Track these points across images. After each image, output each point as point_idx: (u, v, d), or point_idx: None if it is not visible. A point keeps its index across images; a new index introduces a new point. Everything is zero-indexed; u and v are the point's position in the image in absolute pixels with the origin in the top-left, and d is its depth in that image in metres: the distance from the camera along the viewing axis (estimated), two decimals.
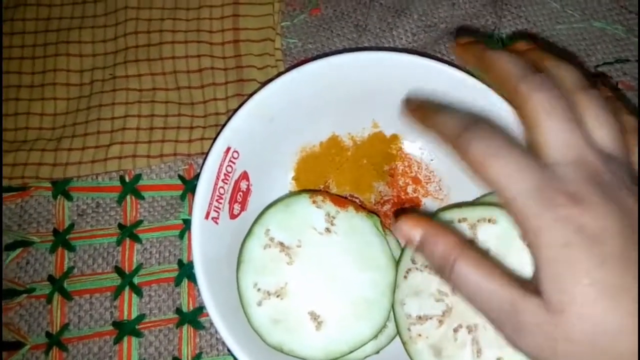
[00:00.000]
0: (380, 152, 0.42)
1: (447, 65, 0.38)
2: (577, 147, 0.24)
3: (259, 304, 0.34)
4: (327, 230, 0.36)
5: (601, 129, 0.25)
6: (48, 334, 0.40)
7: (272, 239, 0.36)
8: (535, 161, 0.24)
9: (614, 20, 0.48)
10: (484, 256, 0.26)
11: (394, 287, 0.35)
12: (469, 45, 0.31)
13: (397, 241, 0.39)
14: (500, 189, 0.24)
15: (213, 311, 0.33)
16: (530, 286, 0.24)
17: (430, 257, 0.27)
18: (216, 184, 0.37)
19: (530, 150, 0.25)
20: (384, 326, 0.35)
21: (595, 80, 0.44)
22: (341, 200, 0.37)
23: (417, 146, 0.43)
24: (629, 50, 0.47)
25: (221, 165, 0.37)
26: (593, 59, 0.47)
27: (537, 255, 0.23)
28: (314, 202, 0.36)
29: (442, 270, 0.26)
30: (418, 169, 0.42)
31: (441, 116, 0.28)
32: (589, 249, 0.22)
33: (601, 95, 0.26)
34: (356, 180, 0.42)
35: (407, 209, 0.40)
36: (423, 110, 0.31)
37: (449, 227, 0.28)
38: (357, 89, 0.40)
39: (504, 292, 0.24)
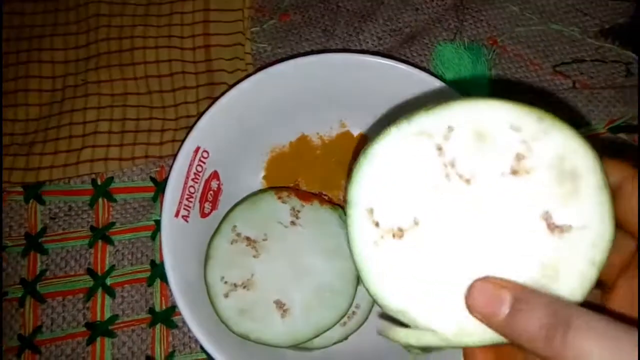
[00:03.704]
0: (349, 151, 0.44)
1: (410, 67, 0.40)
2: None
3: (226, 295, 0.35)
4: (293, 223, 0.37)
5: None
6: (20, 337, 0.40)
7: (238, 235, 0.37)
8: None
9: (570, 23, 0.50)
10: (594, 318, 0.21)
11: (358, 275, 0.36)
12: None
13: None
14: None
15: (182, 304, 0.34)
16: None
17: (525, 326, 0.21)
18: (186, 182, 0.38)
19: None
20: (353, 313, 0.36)
21: None
22: (306, 195, 0.38)
23: None
24: (585, 50, 0.49)
25: (191, 164, 0.38)
26: (551, 59, 0.49)
27: None
28: (279, 197, 0.37)
29: (547, 342, 0.21)
30: None
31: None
32: None
33: None
34: (325, 178, 0.43)
35: None
36: None
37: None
38: (324, 89, 0.41)
39: None
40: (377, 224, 0.23)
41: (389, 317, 0.24)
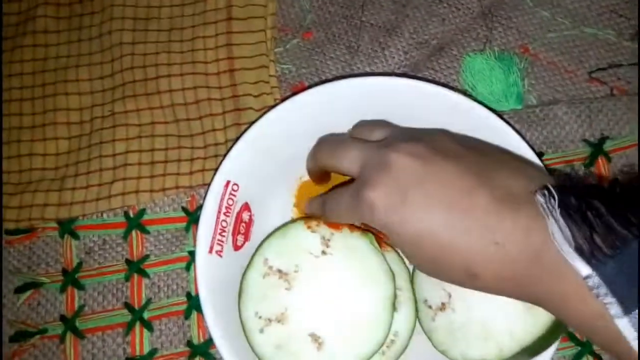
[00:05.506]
0: None
1: (436, 86, 0.39)
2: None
3: (261, 331, 0.35)
4: (323, 252, 0.36)
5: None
6: None
7: (270, 267, 0.36)
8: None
9: (604, 25, 0.48)
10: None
11: (394, 301, 0.36)
12: None
13: (399, 255, 0.39)
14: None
15: (221, 343, 0.34)
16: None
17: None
18: (218, 217, 0.37)
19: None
20: (391, 341, 0.36)
21: None
22: (336, 222, 0.37)
23: None
24: (622, 54, 0.47)
25: (222, 199, 0.38)
26: (587, 65, 0.47)
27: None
28: (308, 227, 0.37)
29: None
30: None
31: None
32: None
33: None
34: None
35: None
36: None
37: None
38: (350, 115, 0.41)
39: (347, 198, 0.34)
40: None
41: None
